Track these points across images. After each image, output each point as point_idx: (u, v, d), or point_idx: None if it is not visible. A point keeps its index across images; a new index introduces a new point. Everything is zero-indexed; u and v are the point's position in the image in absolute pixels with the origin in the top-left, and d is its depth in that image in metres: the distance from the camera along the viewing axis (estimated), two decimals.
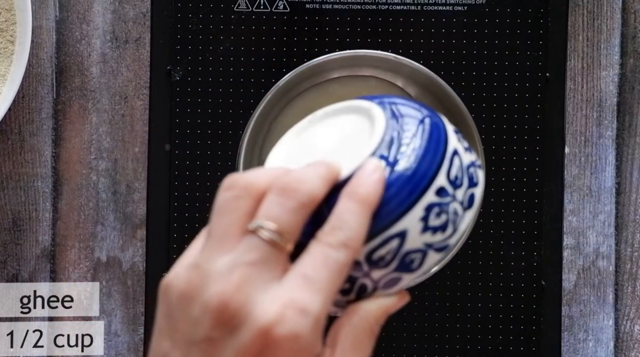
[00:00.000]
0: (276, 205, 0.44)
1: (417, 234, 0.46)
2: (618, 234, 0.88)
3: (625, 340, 0.88)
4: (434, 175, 0.47)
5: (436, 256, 0.47)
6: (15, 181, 0.88)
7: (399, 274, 0.47)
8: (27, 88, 0.88)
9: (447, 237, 0.47)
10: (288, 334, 0.42)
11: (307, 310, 0.43)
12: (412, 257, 0.47)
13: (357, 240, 0.45)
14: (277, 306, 0.42)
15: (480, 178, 0.49)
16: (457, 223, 0.47)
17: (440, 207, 0.47)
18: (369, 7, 0.87)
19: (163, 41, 0.88)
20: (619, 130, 0.88)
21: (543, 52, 0.87)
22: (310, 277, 0.43)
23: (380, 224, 0.46)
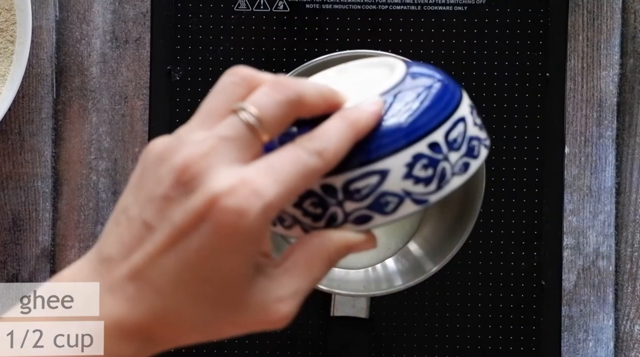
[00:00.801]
0: (264, 95, 0.46)
1: (399, 177, 0.47)
2: (618, 234, 0.88)
3: (625, 340, 0.88)
4: (431, 130, 0.48)
5: (412, 206, 0.47)
6: (15, 181, 0.88)
7: (371, 212, 0.47)
8: (27, 88, 0.88)
9: (428, 193, 0.47)
10: (233, 206, 0.43)
11: (260, 192, 0.43)
12: (388, 200, 0.47)
13: (332, 154, 0.45)
14: (232, 180, 0.43)
15: (481, 154, 0.49)
16: (443, 183, 0.48)
17: (429, 160, 0.47)
18: (369, 7, 0.87)
19: (163, 41, 0.88)
20: (619, 130, 0.88)
21: (543, 52, 0.87)
22: (275, 167, 0.44)
23: (364, 157, 0.47)
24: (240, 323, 0.45)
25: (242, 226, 0.43)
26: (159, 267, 0.44)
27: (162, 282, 0.44)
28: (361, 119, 0.47)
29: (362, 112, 0.47)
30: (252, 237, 0.44)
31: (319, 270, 0.46)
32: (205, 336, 0.46)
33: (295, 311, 0.46)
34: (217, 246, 0.44)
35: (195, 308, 0.45)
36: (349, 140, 0.46)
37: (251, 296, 0.45)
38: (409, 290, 0.81)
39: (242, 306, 0.45)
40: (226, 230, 0.43)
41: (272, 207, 0.44)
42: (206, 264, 0.44)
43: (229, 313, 0.45)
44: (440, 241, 0.84)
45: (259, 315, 0.45)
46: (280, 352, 0.87)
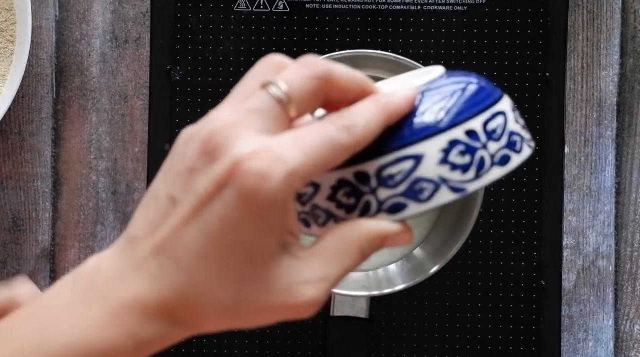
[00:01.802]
0: (293, 71, 0.45)
1: (434, 163, 0.46)
2: (618, 234, 0.88)
3: (625, 340, 0.88)
4: (468, 118, 0.47)
5: (449, 195, 0.46)
6: (15, 181, 0.88)
7: (405, 199, 0.46)
8: (27, 88, 0.88)
9: (466, 181, 0.46)
10: (256, 169, 0.42)
11: (284, 158, 0.42)
12: (423, 186, 0.46)
13: (361, 132, 0.45)
14: (256, 146, 0.43)
15: (524, 151, 0.48)
16: (481, 172, 0.46)
17: (466, 147, 0.46)
18: (369, 7, 0.87)
19: (163, 41, 0.88)
20: (619, 130, 0.88)
21: (543, 52, 0.87)
22: (301, 138, 0.44)
23: (398, 143, 0.46)
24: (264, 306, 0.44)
25: (265, 190, 0.42)
26: (182, 241, 0.43)
27: (185, 256, 0.43)
28: (393, 102, 0.46)
29: (394, 96, 0.46)
30: (276, 205, 0.43)
31: (350, 258, 0.45)
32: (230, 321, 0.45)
33: (323, 298, 0.44)
34: (240, 213, 0.43)
35: (218, 285, 0.43)
36: (379, 121, 0.45)
37: (275, 275, 0.44)
38: (409, 290, 0.81)
39: (266, 285, 0.44)
40: (249, 194, 0.42)
41: (296, 174, 0.43)
42: (229, 234, 0.43)
43: (253, 292, 0.44)
44: (441, 241, 0.84)
45: (284, 297, 0.44)
46: (280, 352, 0.87)
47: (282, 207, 0.43)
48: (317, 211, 0.47)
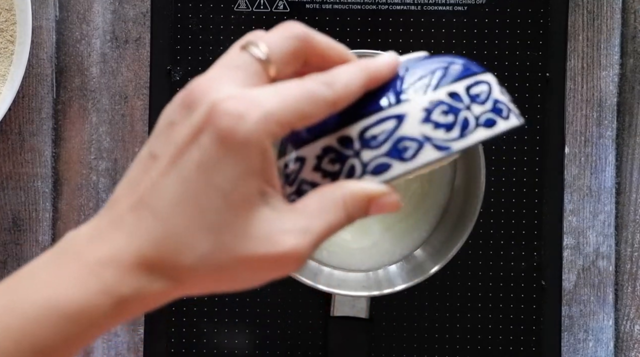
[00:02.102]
0: (273, 33, 0.46)
1: (417, 121, 0.46)
2: (618, 234, 0.88)
3: (625, 340, 0.88)
4: (451, 82, 0.47)
5: (433, 153, 0.46)
6: (15, 181, 0.88)
7: (389, 159, 0.46)
8: (27, 88, 0.88)
9: (450, 139, 0.46)
10: (231, 110, 0.42)
11: (259, 103, 0.43)
12: (407, 145, 0.46)
13: (341, 87, 0.45)
14: (233, 91, 0.43)
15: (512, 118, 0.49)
16: (466, 132, 0.46)
17: (448, 106, 0.46)
18: (369, 7, 0.87)
19: (163, 41, 0.88)
20: (619, 130, 0.88)
21: (543, 52, 0.87)
22: (279, 88, 0.44)
23: (379, 105, 0.46)
24: (245, 255, 0.43)
25: (240, 129, 0.42)
26: (160, 192, 0.43)
27: (162, 206, 0.43)
28: (374, 65, 0.47)
29: (375, 60, 0.47)
30: (252, 145, 0.43)
31: (333, 214, 0.45)
32: (212, 276, 0.44)
33: (305, 251, 0.44)
34: (217, 155, 0.43)
35: (196, 232, 0.43)
36: (359, 81, 0.46)
37: (255, 224, 0.43)
38: (409, 290, 0.81)
39: (246, 233, 0.43)
40: (224, 134, 0.42)
41: (272, 117, 0.43)
42: (207, 179, 0.43)
43: (232, 240, 0.43)
44: (440, 241, 0.84)
45: (264, 245, 0.43)
46: (280, 352, 0.87)
47: (259, 149, 0.43)
48: (304, 186, 0.47)
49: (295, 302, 0.86)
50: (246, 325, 0.87)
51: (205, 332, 0.87)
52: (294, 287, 0.85)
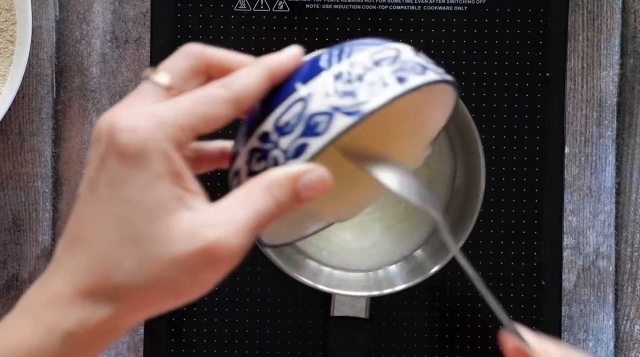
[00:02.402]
0: (170, 57, 0.48)
1: (322, 96, 0.47)
2: (618, 234, 0.88)
3: (625, 340, 0.88)
4: (354, 53, 0.48)
5: (345, 119, 0.46)
6: (15, 181, 0.88)
7: (305, 138, 0.46)
8: (27, 88, 0.88)
9: (359, 103, 0.46)
10: (126, 126, 0.44)
11: (153, 113, 0.45)
12: (317, 120, 0.46)
13: (239, 85, 0.47)
14: (132, 111, 0.45)
15: (429, 74, 0.49)
16: (374, 92, 0.46)
17: (352, 75, 0.47)
18: (369, 7, 0.87)
19: (163, 41, 0.88)
20: (619, 130, 0.88)
21: (543, 52, 0.87)
22: (177, 98, 0.46)
23: (285, 92, 0.47)
24: (171, 259, 0.44)
25: (135, 141, 0.44)
26: (84, 223, 0.45)
27: (87, 235, 0.45)
28: (274, 59, 0.48)
29: (276, 55, 0.48)
30: (150, 152, 0.44)
31: (258, 201, 0.45)
32: (149, 289, 0.45)
33: (234, 240, 0.44)
34: (122, 172, 0.44)
35: (120, 250, 0.44)
36: (259, 77, 0.47)
37: (176, 228, 0.44)
38: (409, 290, 0.81)
39: (168, 238, 0.44)
40: (122, 149, 0.44)
41: (167, 123, 0.44)
42: (118, 196, 0.44)
43: (155, 248, 0.44)
44: (440, 241, 0.84)
45: (187, 243, 0.44)
46: (280, 352, 0.87)
47: (159, 155, 0.44)
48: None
49: (295, 302, 0.86)
50: (246, 325, 0.86)
51: (205, 332, 0.86)
52: (294, 287, 0.85)
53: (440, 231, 0.49)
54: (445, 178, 0.85)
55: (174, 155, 0.45)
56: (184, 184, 0.45)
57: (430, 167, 0.85)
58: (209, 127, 0.46)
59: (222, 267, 0.45)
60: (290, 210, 0.46)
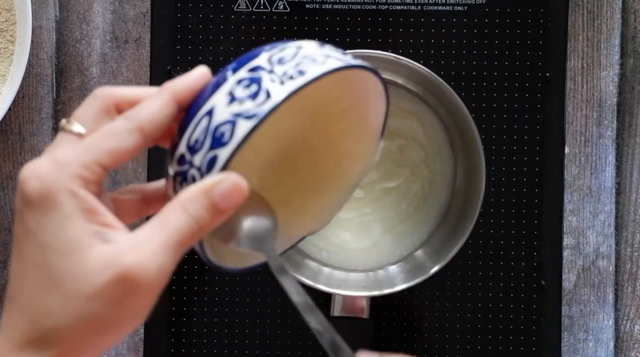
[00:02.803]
0: (80, 105, 0.49)
1: (224, 106, 0.47)
2: (618, 234, 0.88)
3: (625, 340, 0.88)
4: (253, 59, 0.49)
5: (246, 123, 0.46)
6: (15, 181, 0.88)
7: (215, 151, 0.47)
8: (27, 88, 0.88)
9: (259, 104, 0.47)
10: (29, 174, 0.46)
11: (57, 158, 0.46)
12: (223, 130, 0.47)
13: (143, 115, 0.47)
14: (38, 161, 0.46)
15: (330, 62, 0.49)
16: (271, 91, 0.47)
17: (250, 80, 0.47)
18: (369, 7, 0.87)
19: (163, 41, 0.88)
20: (619, 130, 0.88)
21: (543, 52, 0.87)
22: (82, 141, 0.47)
23: (193, 112, 0.48)
24: (92, 291, 0.44)
25: (37, 186, 0.45)
26: (13, 280, 0.46)
27: (17, 291, 0.45)
28: (178, 83, 0.48)
29: (180, 78, 0.49)
30: (56, 196, 0.45)
31: (174, 221, 0.46)
32: (80, 328, 0.45)
33: (153, 261, 0.44)
34: (32, 219, 0.45)
35: (45, 295, 0.45)
36: (165, 102, 0.48)
37: (92, 262, 0.44)
38: (409, 290, 0.81)
39: (86, 274, 0.44)
40: (28, 197, 0.45)
41: (70, 164, 0.45)
42: (34, 243, 0.45)
43: (76, 286, 0.44)
44: (441, 241, 0.84)
45: (105, 272, 0.44)
46: (280, 352, 0.87)
47: (64, 195, 0.45)
48: None
49: None
50: (246, 325, 0.86)
51: (205, 332, 0.86)
52: None
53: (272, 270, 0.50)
54: (445, 178, 0.85)
55: (81, 193, 0.45)
56: (99, 219, 0.46)
57: (431, 168, 0.85)
58: (117, 159, 0.47)
59: (145, 292, 0.45)
60: (214, 224, 0.46)
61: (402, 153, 0.85)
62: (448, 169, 0.85)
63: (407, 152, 0.84)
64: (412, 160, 0.85)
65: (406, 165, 0.85)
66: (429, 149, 0.84)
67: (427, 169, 0.85)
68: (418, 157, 0.85)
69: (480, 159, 0.80)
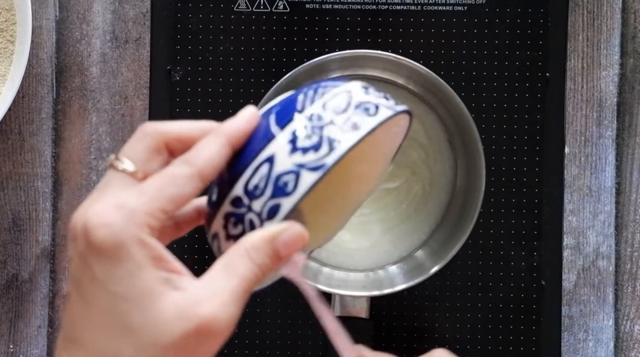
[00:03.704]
0: (128, 141, 0.49)
1: (286, 155, 0.48)
2: (618, 234, 0.88)
3: (625, 340, 0.88)
4: (307, 106, 0.49)
5: (311, 176, 0.47)
6: (15, 181, 0.88)
7: (276, 200, 0.47)
8: (27, 88, 0.88)
9: (322, 157, 0.47)
10: (98, 223, 0.45)
11: (124, 205, 0.46)
12: (285, 180, 0.47)
13: (201, 159, 0.48)
14: (100, 206, 0.46)
15: (381, 112, 0.50)
16: (334, 143, 0.48)
17: (310, 129, 0.48)
18: (369, 7, 0.87)
19: (163, 41, 0.88)
20: (619, 130, 0.88)
21: (543, 52, 0.87)
22: (142, 187, 0.47)
23: (249, 156, 0.48)
24: (169, 342, 0.45)
25: (108, 237, 0.45)
26: (77, 322, 0.46)
27: (81, 334, 0.46)
28: (231, 126, 0.49)
29: (231, 120, 0.49)
30: (128, 247, 0.45)
31: (240, 269, 0.47)
32: None
33: (225, 311, 0.46)
34: (103, 268, 0.45)
35: (116, 343, 0.45)
36: (221, 146, 0.48)
37: (165, 311, 0.45)
38: (409, 290, 0.81)
39: (161, 322, 0.45)
40: (99, 247, 0.45)
41: (137, 212, 0.46)
42: (105, 292, 0.45)
43: (151, 335, 0.45)
44: (441, 241, 0.84)
45: (181, 324, 0.45)
46: (280, 352, 0.87)
47: (135, 245, 0.45)
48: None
49: (296, 302, 0.86)
50: (246, 325, 0.86)
51: None
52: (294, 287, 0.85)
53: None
54: (445, 179, 0.85)
55: (150, 242, 0.46)
56: (167, 265, 0.46)
57: (431, 168, 0.85)
58: (178, 205, 0.48)
59: (218, 340, 0.47)
60: (274, 269, 0.48)
61: (402, 153, 0.85)
62: (448, 170, 0.85)
63: (408, 153, 0.85)
64: (413, 160, 0.85)
65: (407, 166, 0.85)
66: (430, 149, 0.84)
67: (427, 169, 0.85)
68: (419, 157, 0.85)
69: (480, 159, 0.80)
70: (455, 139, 0.84)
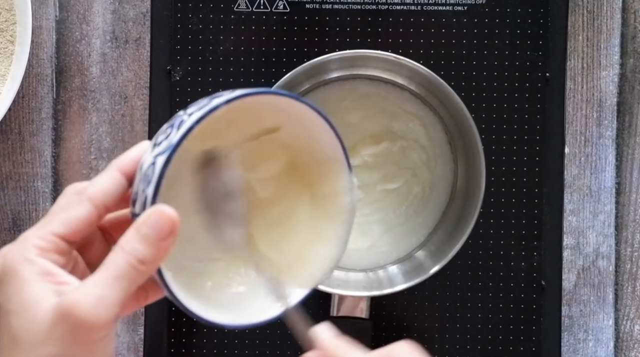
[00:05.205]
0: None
1: (149, 154, 0.53)
2: (618, 234, 0.88)
3: (625, 340, 0.88)
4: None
5: (163, 157, 0.51)
6: (15, 181, 0.88)
7: (144, 193, 0.52)
8: (27, 88, 0.88)
9: (171, 139, 0.52)
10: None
11: (22, 237, 0.52)
12: (148, 172, 0.52)
13: (91, 188, 0.54)
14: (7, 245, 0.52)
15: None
16: (181, 125, 0.52)
17: (168, 126, 0.54)
18: (369, 7, 0.87)
19: (163, 41, 0.88)
20: (619, 130, 0.88)
21: (543, 52, 0.87)
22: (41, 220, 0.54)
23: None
24: (43, 334, 0.49)
25: (2, 262, 0.52)
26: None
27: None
28: (122, 157, 0.55)
29: (126, 152, 0.56)
30: (15, 265, 0.52)
31: (114, 259, 0.51)
32: None
33: (96, 293, 0.49)
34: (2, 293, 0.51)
35: (10, 354, 0.50)
36: (111, 174, 0.54)
37: (43, 311, 0.50)
38: (409, 290, 0.81)
39: (37, 324, 0.49)
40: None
41: (27, 238, 0.52)
42: (5, 314, 0.50)
43: (30, 335, 0.49)
44: (440, 241, 0.84)
45: (52, 314, 0.49)
46: (280, 352, 0.87)
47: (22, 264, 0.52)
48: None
49: None
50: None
51: (205, 332, 0.87)
52: None
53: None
54: (445, 181, 0.85)
55: (37, 260, 0.50)
56: (55, 279, 0.50)
57: (432, 170, 0.85)
58: (72, 227, 0.52)
59: (90, 324, 0.49)
60: (159, 255, 0.50)
61: (403, 155, 0.85)
62: (449, 172, 0.85)
63: (409, 154, 0.84)
64: (414, 162, 0.85)
65: (407, 168, 0.85)
66: (431, 151, 0.84)
67: (428, 171, 0.85)
68: (419, 159, 0.85)
69: (480, 159, 0.80)
70: (455, 140, 0.84)
